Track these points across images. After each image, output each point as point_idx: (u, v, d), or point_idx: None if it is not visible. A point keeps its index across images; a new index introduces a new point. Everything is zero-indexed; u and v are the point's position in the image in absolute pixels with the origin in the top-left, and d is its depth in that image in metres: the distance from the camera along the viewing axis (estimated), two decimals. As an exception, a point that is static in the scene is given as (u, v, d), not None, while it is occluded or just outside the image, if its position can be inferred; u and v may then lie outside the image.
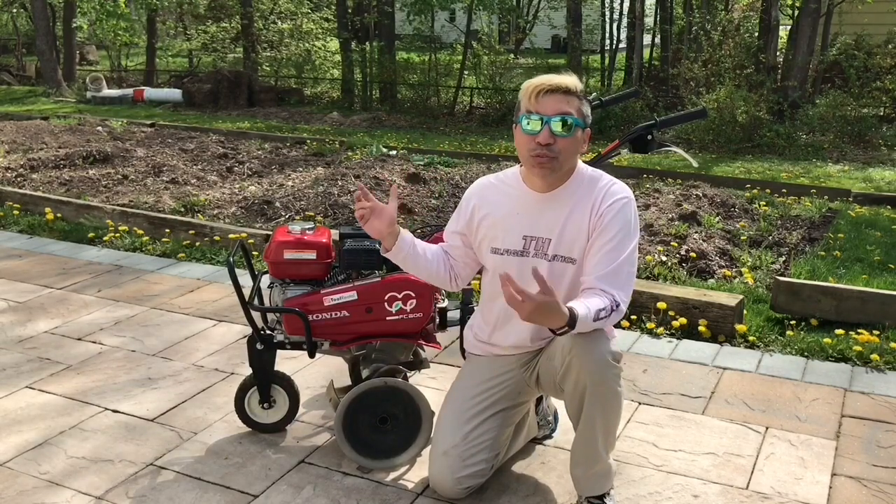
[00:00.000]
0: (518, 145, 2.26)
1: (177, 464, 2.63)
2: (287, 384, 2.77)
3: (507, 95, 12.09)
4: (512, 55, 14.97)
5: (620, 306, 2.13)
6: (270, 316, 2.71)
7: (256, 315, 2.67)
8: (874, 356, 3.38)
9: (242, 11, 14.45)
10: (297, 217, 5.80)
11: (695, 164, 4.23)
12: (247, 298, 2.61)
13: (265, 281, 2.69)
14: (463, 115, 12.40)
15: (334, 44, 15.25)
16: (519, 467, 2.60)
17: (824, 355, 3.47)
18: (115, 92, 13.97)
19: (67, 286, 4.37)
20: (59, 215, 5.70)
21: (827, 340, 3.54)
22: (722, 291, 3.96)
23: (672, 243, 4.92)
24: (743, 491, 2.50)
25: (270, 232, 5.00)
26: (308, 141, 9.17)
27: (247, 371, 2.77)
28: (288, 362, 3.25)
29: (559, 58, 16.93)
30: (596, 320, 2.06)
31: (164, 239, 5.16)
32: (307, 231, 2.65)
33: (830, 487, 2.52)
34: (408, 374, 2.73)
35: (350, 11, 14.08)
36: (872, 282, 4.29)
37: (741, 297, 3.78)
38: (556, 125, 2.17)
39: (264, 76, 14.87)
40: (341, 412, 2.55)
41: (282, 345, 2.68)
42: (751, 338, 3.61)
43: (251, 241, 4.84)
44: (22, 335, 3.70)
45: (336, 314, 2.57)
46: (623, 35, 14.69)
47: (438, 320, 2.74)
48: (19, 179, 6.95)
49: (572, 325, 2.00)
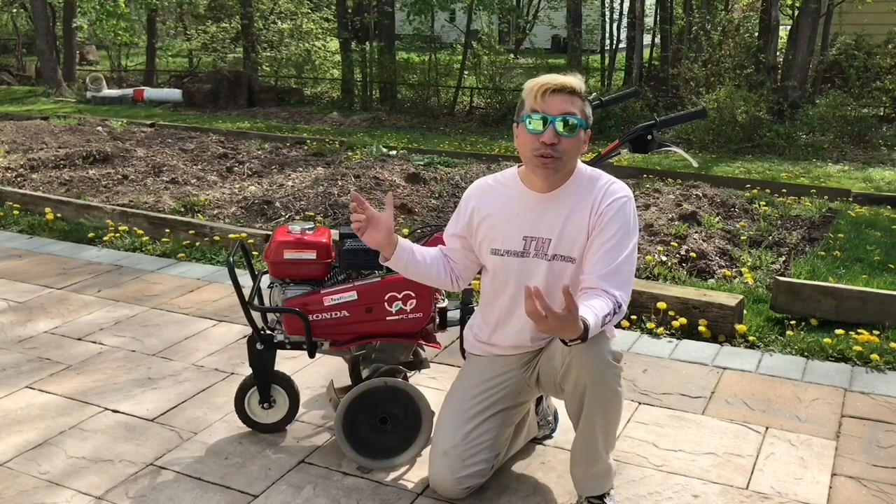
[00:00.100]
0: (520, 145, 2.25)
1: (177, 464, 2.63)
2: (287, 384, 2.78)
3: (507, 95, 12.08)
4: (512, 55, 14.96)
5: (622, 307, 2.13)
6: (270, 316, 2.71)
7: (256, 315, 2.67)
8: (874, 356, 3.38)
9: (242, 11, 14.45)
10: (297, 217, 5.80)
11: (695, 164, 4.23)
12: (247, 298, 2.61)
13: (265, 281, 2.70)
14: (463, 115, 12.39)
15: (334, 44, 15.25)
16: (519, 467, 2.60)
17: (824, 355, 3.47)
18: (115, 92, 13.97)
19: (67, 286, 4.37)
20: (59, 215, 5.70)
21: (827, 340, 3.54)
22: (722, 291, 3.96)
23: (672, 243, 4.92)
24: (743, 491, 2.50)
25: (270, 232, 5.00)
26: (308, 141, 9.17)
27: (247, 371, 2.77)
28: (288, 362, 3.25)
29: (559, 58, 16.94)
30: (602, 325, 2.06)
31: (164, 239, 5.16)
32: (307, 231, 2.66)
33: (830, 487, 2.52)
34: (408, 374, 2.74)
35: (350, 11, 14.07)
36: (872, 282, 4.29)
37: (741, 297, 3.78)
38: (560, 125, 2.16)
39: (264, 76, 14.87)
40: (341, 412, 2.55)
41: (282, 345, 2.68)
42: (751, 338, 3.61)
43: (251, 241, 4.84)
44: (22, 335, 3.70)
45: (336, 314, 2.57)
46: (623, 35, 14.68)
47: (438, 320, 2.74)
48: (19, 179, 6.95)
49: (584, 339, 1.99)
